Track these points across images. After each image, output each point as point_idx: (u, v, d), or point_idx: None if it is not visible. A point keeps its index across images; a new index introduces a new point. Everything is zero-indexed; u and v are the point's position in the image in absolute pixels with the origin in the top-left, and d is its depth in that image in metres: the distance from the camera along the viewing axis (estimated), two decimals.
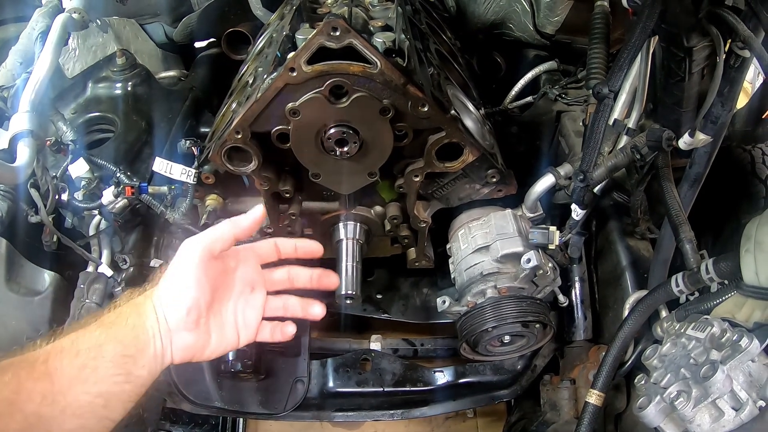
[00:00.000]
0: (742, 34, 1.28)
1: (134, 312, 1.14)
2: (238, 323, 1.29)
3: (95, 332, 1.06)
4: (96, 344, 1.04)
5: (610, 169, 1.68)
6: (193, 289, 1.19)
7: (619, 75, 1.47)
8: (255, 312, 1.32)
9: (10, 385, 0.93)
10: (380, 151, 1.69)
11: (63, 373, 0.98)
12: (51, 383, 0.97)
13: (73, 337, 1.05)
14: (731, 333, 1.24)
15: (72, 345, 1.03)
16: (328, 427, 2.67)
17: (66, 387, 0.98)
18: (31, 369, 0.97)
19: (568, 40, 2.63)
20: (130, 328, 1.11)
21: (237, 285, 1.31)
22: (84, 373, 1.00)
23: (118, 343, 1.07)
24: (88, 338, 1.05)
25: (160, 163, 1.87)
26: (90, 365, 1.01)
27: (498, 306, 1.81)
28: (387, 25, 1.82)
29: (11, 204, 1.86)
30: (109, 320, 1.10)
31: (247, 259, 1.34)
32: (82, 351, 1.02)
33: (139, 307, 1.15)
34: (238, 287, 1.31)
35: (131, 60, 2.38)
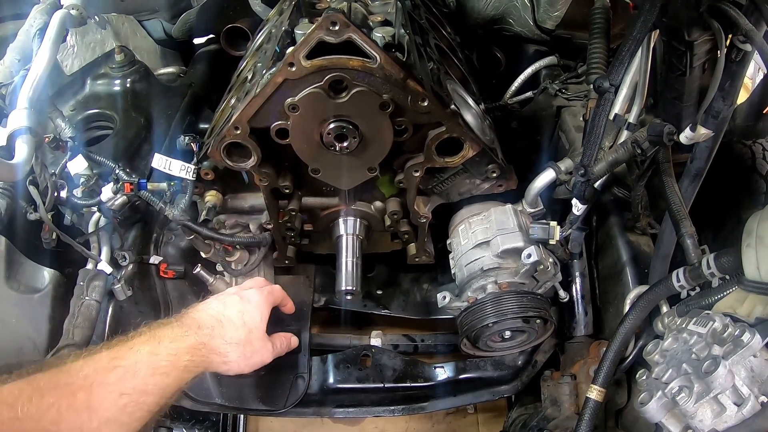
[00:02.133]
0: (744, 28, 1.28)
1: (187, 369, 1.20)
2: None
3: (145, 378, 1.10)
4: (143, 390, 1.08)
5: (611, 163, 1.68)
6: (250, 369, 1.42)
7: (619, 69, 1.46)
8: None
9: (50, 413, 0.93)
10: (380, 146, 1.68)
11: (104, 411, 1.01)
12: (90, 419, 0.99)
13: (121, 374, 1.06)
14: (733, 328, 1.24)
15: (118, 383, 1.05)
16: (328, 424, 2.67)
17: (103, 425, 1.00)
18: (73, 399, 0.98)
19: (569, 36, 2.62)
20: (177, 382, 1.17)
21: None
22: (123, 416, 1.04)
23: (163, 396, 1.13)
24: (137, 382, 1.08)
25: (159, 160, 1.86)
26: (129, 409, 1.05)
27: (498, 301, 1.81)
28: (386, 20, 1.81)
29: (10, 201, 1.85)
30: (163, 368, 1.14)
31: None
32: (127, 394, 1.05)
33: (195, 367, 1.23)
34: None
35: (130, 56, 2.37)
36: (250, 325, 1.43)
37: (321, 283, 2.36)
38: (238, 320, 1.41)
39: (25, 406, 0.91)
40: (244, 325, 1.41)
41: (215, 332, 1.32)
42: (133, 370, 1.08)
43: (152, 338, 1.17)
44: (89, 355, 1.07)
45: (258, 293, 1.52)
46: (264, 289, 1.56)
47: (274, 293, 1.60)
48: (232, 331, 1.37)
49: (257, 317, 1.47)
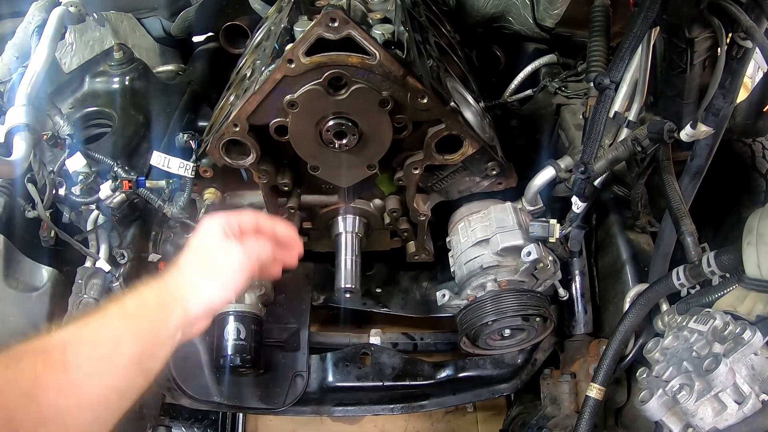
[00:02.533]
0: (745, 25, 1.28)
1: (159, 307, 1.12)
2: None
3: (116, 324, 1.05)
4: (116, 338, 1.02)
5: (611, 161, 1.68)
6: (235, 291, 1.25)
7: (620, 66, 1.46)
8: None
9: (27, 374, 0.90)
10: (379, 144, 1.68)
11: (80, 366, 0.96)
12: (67, 375, 0.94)
13: (92, 327, 1.02)
14: (734, 326, 1.23)
15: (91, 336, 1.00)
16: (327, 422, 2.67)
17: (83, 380, 0.95)
18: (48, 358, 0.94)
19: (568, 34, 2.62)
20: (153, 323, 1.10)
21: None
22: (101, 366, 0.98)
23: (139, 339, 1.05)
24: (109, 330, 1.03)
25: (158, 157, 1.86)
26: (108, 359, 0.99)
27: (498, 299, 1.80)
28: (386, 18, 1.81)
29: (8, 199, 1.85)
30: (132, 311, 1.08)
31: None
32: (100, 344, 1.00)
33: (166, 303, 1.14)
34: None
35: (129, 54, 2.37)
36: (199, 243, 1.28)
37: (320, 281, 2.36)
38: (189, 249, 1.28)
39: (1, 373, 0.89)
40: (192, 247, 1.28)
41: (174, 271, 1.23)
42: (102, 322, 1.04)
43: (119, 297, 1.14)
44: (61, 326, 1.04)
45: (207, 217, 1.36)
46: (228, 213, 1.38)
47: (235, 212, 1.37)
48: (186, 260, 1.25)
49: (204, 231, 1.30)
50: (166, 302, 1.15)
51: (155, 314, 1.11)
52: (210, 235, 1.29)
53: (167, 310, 1.14)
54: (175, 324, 1.13)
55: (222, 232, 1.29)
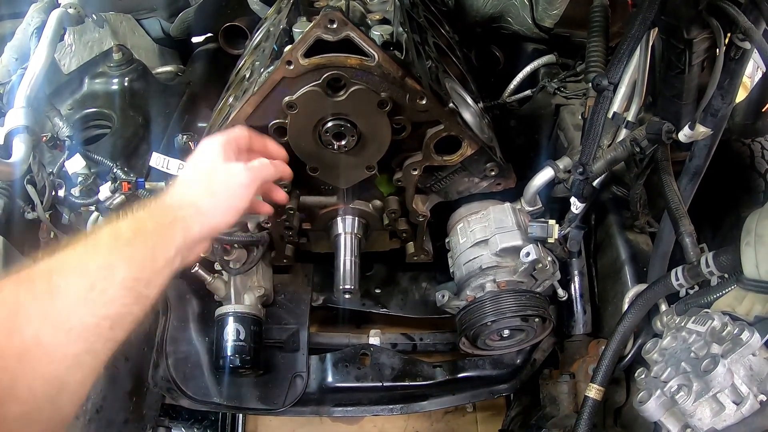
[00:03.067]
0: (743, 26, 1.28)
1: (157, 232, 1.05)
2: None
3: (108, 250, 0.97)
4: (107, 264, 0.95)
5: (610, 162, 1.68)
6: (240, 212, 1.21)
7: (618, 66, 1.46)
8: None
9: (8, 304, 0.85)
10: (378, 145, 1.68)
11: (68, 293, 0.89)
12: (53, 304, 0.88)
13: (81, 253, 0.95)
14: (732, 327, 1.23)
15: (80, 262, 0.93)
16: (327, 423, 2.67)
17: (71, 308, 0.89)
18: (32, 286, 0.88)
19: (567, 34, 2.62)
20: (150, 249, 1.02)
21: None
22: (92, 294, 0.91)
23: (133, 266, 0.98)
24: (100, 257, 0.95)
25: (157, 158, 1.86)
26: (98, 287, 0.92)
27: (497, 300, 1.80)
28: (384, 18, 1.81)
29: (7, 200, 1.85)
30: (126, 236, 1.00)
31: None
32: (91, 271, 0.93)
33: (164, 228, 1.07)
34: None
35: (128, 55, 2.38)
36: (203, 163, 1.23)
37: (319, 281, 2.36)
38: (190, 169, 1.24)
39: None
40: (196, 167, 1.23)
41: (174, 190, 1.17)
42: (93, 247, 0.96)
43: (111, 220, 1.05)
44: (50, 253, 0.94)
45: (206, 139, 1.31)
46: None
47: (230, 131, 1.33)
48: (188, 181, 1.20)
49: (207, 153, 1.25)
50: (165, 225, 1.08)
51: (153, 239, 1.04)
52: (212, 155, 1.25)
53: (166, 233, 1.07)
54: (175, 248, 1.07)
55: (224, 151, 1.25)
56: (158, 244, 1.04)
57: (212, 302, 2.10)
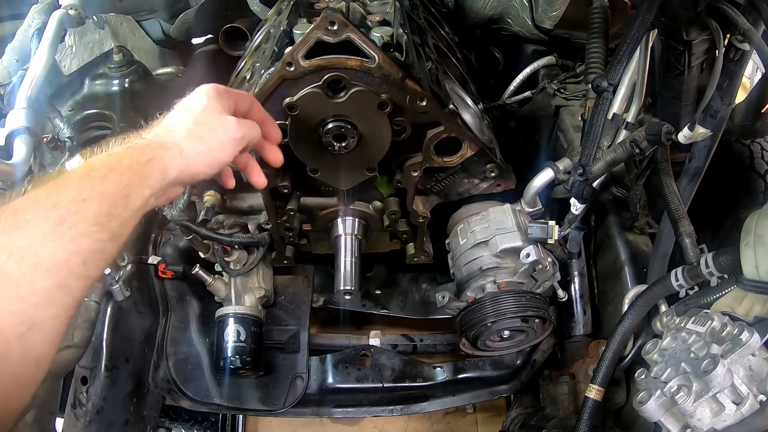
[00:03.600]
0: (742, 27, 1.28)
1: (133, 170, 1.01)
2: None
3: (79, 184, 0.92)
4: (78, 197, 0.90)
5: (609, 163, 1.68)
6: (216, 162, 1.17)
7: (618, 68, 1.46)
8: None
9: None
10: (379, 146, 1.68)
11: (35, 227, 0.85)
12: (20, 237, 0.84)
13: (50, 187, 0.90)
14: (732, 327, 1.24)
15: (48, 197, 0.89)
16: (327, 424, 2.67)
17: (38, 242, 0.84)
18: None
19: (567, 35, 2.62)
20: (124, 186, 0.97)
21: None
22: (60, 228, 0.87)
23: (106, 201, 0.93)
24: (70, 190, 0.91)
25: None
26: (68, 220, 0.88)
27: (497, 301, 1.81)
28: (385, 20, 1.80)
29: None
30: (100, 173, 0.95)
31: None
32: (60, 204, 0.88)
33: (142, 167, 1.02)
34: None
35: (128, 56, 2.38)
36: (196, 107, 1.17)
37: (320, 283, 2.36)
38: (181, 111, 1.17)
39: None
40: (188, 110, 1.16)
41: (157, 129, 1.11)
42: (64, 181, 0.91)
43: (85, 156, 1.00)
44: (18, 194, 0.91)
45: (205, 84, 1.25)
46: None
47: (235, 90, 1.29)
48: (176, 122, 1.14)
49: (203, 99, 1.19)
50: (143, 163, 1.03)
51: (128, 175, 0.99)
52: (207, 101, 1.20)
53: (143, 171, 1.02)
54: (150, 188, 1.03)
55: (220, 101, 1.21)
56: (133, 182, 0.99)
57: (213, 303, 2.10)
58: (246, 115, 1.29)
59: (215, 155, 1.16)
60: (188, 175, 1.12)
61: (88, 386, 1.90)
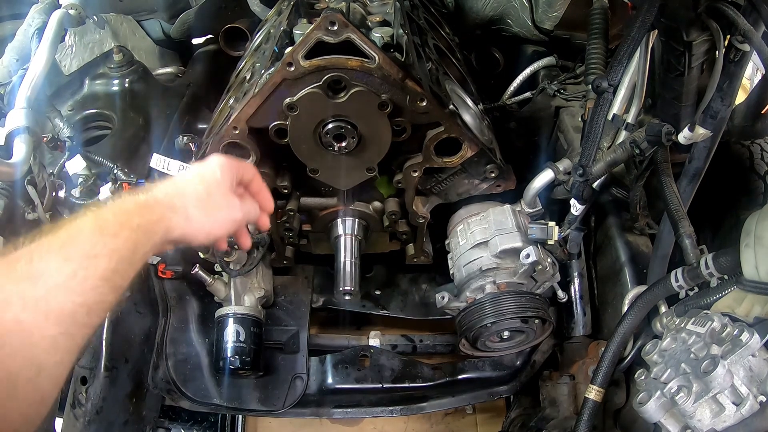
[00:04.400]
0: (742, 28, 1.28)
1: (142, 229, 1.07)
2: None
3: (92, 239, 0.98)
4: (91, 254, 0.96)
5: (609, 164, 1.68)
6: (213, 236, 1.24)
7: (618, 69, 1.46)
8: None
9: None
10: (379, 146, 1.68)
11: (49, 278, 0.90)
12: (34, 286, 0.89)
13: (64, 239, 0.96)
14: (732, 328, 1.24)
15: (62, 249, 0.94)
16: (327, 424, 2.67)
17: (51, 293, 0.89)
18: (11, 270, 0.89)
19: (567, 36, 2.63)
20: (132, 244, 1.03)
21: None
22: (72, 282, 0.92)
23: (115, 258, 0.99)
24: (84, 244, 0.96)
25: (158, 160, 1.86)
26: (80, 275, 0.93)
27: (497, 301, 1.81)
28: (385, 21, 1.81)
29: (8, 201, 1.84)
30: (112, 230, 1.01)
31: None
32: (73, 258, 0.94)
33: (150, 227, 1.09)
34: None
35: (128, 56, 2.38)
36: (209, 179, 1.26)
37: (319, 283, 2.36)
38: (194, 178, 1.25)
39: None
40: (202, 179, 1.25)
41: (169, 189, 1.18)
42: (77, 234, 0.97)
43: (97, 207, 1.05)
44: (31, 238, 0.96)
45: (219, 156, 1.34)
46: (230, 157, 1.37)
47: (244, 165, 1.38)
48: (189, 187, 1.22)
49: (217, 172, 1.28)
50: (151, 221, 1.10)
51: (136, 234, 1.05)
52: (220, 175, 1.28)
53: (150, 230, 1.09)
54: (153, 245, 1.09)
55: (230, 178, 1.29)
56: (141, 240, 1.05)
57: (212, 304, 2.10)
58: (247, 186, 1.39)
59: (214, 230, 1.25)
60: (187, 240, 1.19)
61: (87, 386, 1.89)
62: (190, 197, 1.20)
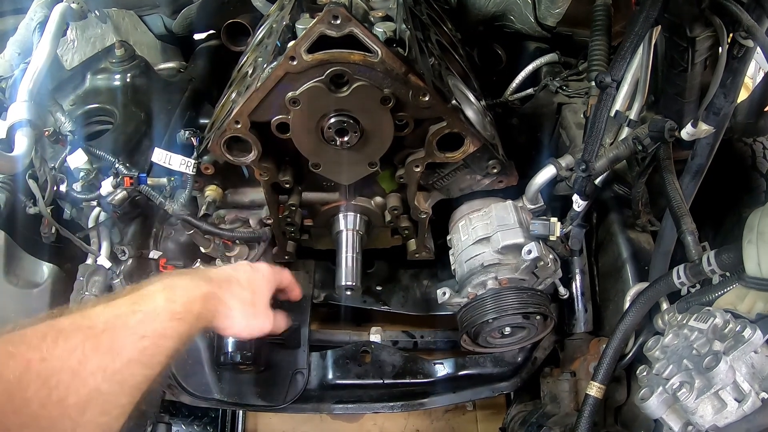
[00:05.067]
0: (746, 24, 1.28)
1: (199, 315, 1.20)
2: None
3: (164, 319, 1.11)
4: (162, 334, 1.08)
5: (612, 160, 1.68)
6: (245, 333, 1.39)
7: (621, 64, 1.46)
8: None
9: (76, 354, 0.94)
10: (381, 141, 1.68)
11: (128, 352, 1.01)
12: (113, 360, 0.98)
13: (140, 318, 1.07)
14: (734, 324, 1.23)
15: (138, 326, 1.06)
16: (327, 420, 2.67)
17: (128, 368, 1.00)
18: (97, 341, 0.98)
19: (570, 33, 2.62)
20: (192, 328, 1.17)
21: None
22: (143, 356, 1.04)
23: (180, 341, 1.12)
24: (156, 324, 1.09)
25: (160, 154, 1.86)
26: (149, 352, 1.05)
27: (499, 297, 1.80)
28: (387, 16, 1.81)
29: (9, 195, 1.85)
30: (180, 316, 1.14)
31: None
32: (148, 336, 1.05)
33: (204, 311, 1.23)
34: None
35: (130, 51, 2.37)
36: (256, 289, 1.44)
37: (321, 278, 2.36)
38: (245, 281, 1.42)
39: (51, 348, 0.92)
40: (250, 286, 1.42)
41: (224, 286, 1.34)
42: (153, 315, 1.09)
43: (167, 287, 1.18)
44: (108, 301, 1.09)
45: (267, 266, 1.55)
46: (273, 266, 1.59)
47: (283, 273, 1.60)
48: (239, 289, 1.38)
49: (263, 285, 1.48)
50: (208, 312, 1.25)
51: (196, 321, 1.19)
52: (265, 291, 1.47)
53: (205, 319, 1.23)
54: (199, 330, 1.22)
55: (271, 291, 1.50)
56: (197, 326, 1.20)
57: None
58: (281, 286, 1.59)
59: (243, 333, 1.39)
60: (216, 329, 1.33)
61: None
62: (236, 299, 1.35)
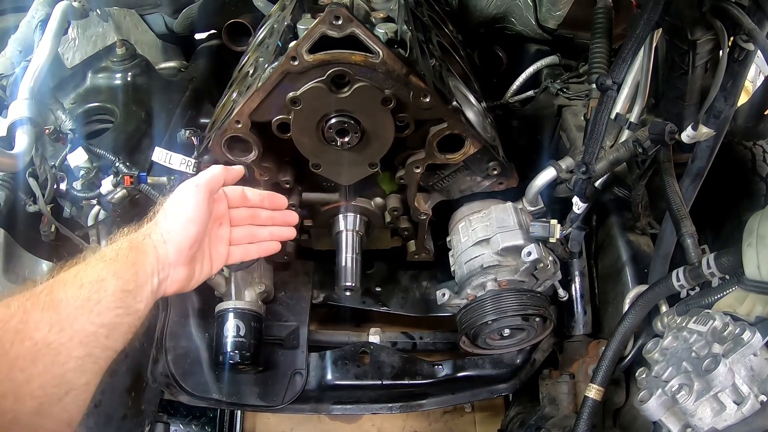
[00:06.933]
0: (747, 27, 1.28)
1: (134, 250, 1.18)
2: (212, 254, 1.41)
3: (97, 266, 1.10)
4: (98, 278, 1.08)
5: (612, 162, 1.68)
6: (196, 226, 1.29)
7: (622, 67, 1.46)
8: (224, 243, 1.45)
9: (17, 315, 0.96)
10: (381, 142, 1.68)
11: (68, 303, 1.02)
12: (57, 312, 0.99)
13: (75, 271, 1.08)
14: (733, 327, 1.24)
15: (75, 278, 1.06)
16: (325, 421, 2.67)
17: (72, 316, 1.01)
18: (36, 300, 1.00)
19: (570, 35, 2.62)
20: (131, 265, 1.15)
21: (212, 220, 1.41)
22: (88, 304, 1.04)
23: (119, 279, 1.11)
24: (91, 272, 1.08)
25: (160, 153, 1.86)
26: (93, 297, 1.05)
27: (498, 299, 1.80)
28: (389, 17, 1.81)
29: (9, 193, 1.85)
30: (110, 256, 1.14)
31: (220, 199, 1.44)
32: (85, 284, 1.05)
33: (139, 246, 1.20)
34: (213, 222, 1.41)
35: (131, 50, 2.37)
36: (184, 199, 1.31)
37: (320, 279, 2.36)
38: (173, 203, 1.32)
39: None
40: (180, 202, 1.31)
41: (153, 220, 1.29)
42: (85, 267, 1.10)
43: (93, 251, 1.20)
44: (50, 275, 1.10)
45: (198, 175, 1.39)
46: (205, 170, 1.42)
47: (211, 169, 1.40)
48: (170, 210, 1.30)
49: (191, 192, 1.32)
50: (139, 243, 1.21)
51: (131, 256, 1.16)
52: (193, 194, 1.32)
53: (141, 251, 1.19)
54: (150, 266, 1.19)
55: (207, 192, 1.33)
56: (137, 261, 1.17)
57: (212, 298, 2.10)
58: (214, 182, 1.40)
59: (184, 217, 1.29)
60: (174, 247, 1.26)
61: None
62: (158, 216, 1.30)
